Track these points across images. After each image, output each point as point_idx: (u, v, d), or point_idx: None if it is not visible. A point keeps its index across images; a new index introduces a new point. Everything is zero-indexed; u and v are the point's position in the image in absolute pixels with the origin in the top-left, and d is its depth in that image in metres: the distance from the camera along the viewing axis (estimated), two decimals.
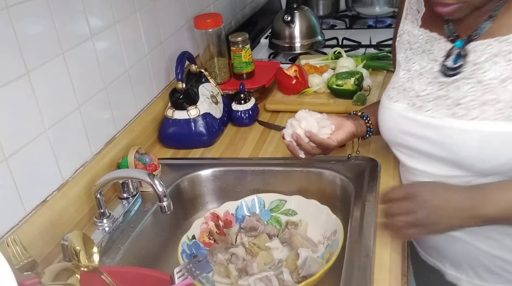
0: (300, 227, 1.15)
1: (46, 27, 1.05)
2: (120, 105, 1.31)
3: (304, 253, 1.04)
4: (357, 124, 1.17)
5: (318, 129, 1.11)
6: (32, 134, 1.02)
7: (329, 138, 1.12)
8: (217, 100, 1.49)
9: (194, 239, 1.11)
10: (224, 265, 1.07)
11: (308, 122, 1.11)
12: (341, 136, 1.13)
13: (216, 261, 1.08)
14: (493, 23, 0.91)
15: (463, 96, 0.93)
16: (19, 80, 0.98)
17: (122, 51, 1.31)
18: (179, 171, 1.31)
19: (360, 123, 1.17)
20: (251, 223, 1.17)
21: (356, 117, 1.19)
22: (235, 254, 1.08)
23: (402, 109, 1.01)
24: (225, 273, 1.05)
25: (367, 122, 1.17)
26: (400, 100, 1.02)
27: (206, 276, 1.05)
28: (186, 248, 1.07)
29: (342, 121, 1.16)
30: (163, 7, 1.51)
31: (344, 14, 2.43)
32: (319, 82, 1.63)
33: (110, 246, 1.08)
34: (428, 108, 0.97)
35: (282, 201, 1.21)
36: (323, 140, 1.11)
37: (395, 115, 1.03)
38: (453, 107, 0.93)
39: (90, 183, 1.14)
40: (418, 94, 0.99)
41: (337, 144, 1.12)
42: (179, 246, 1.06)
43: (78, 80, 1.14)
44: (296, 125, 1.12)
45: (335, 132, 1.13)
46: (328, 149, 1.12)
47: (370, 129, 1.18)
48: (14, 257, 0.88)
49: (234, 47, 1.65)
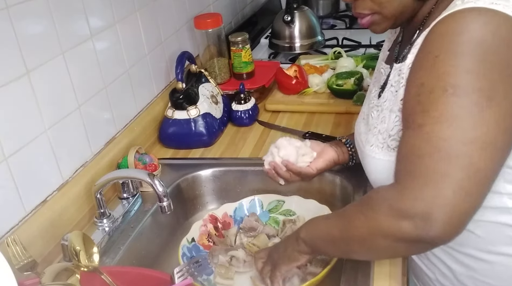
0: (298, 223, 1.16)
1: (46, 27, 1.05)
2: (120, 105, 1.31)
3: None
4: (339, 152, 1.15)
5: (296, 157, 1.10)
6: (32, 134, 1.02)
7: (309, 166, 1.11)
8: (217, 100, 1.49)
9: (193, 241, 1.11)
10: (226, 267, 1.07)
11: (287, 151, 1.10)
12: (321, 165, 1.12)
13: (217, 262, 1.08)
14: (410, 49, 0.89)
15: (371, 123, 0.96)
16: (19, 80, 0.98)
17: (122, 51, 1.31)
18: (179, 171, 1.31)
19: (343, 150, 1.16)
20: (250, 223, 1.17)
21: (340, 144, 1.17)
22: (235, 256, 1.08)
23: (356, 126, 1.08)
24: (227, 275, 1.05)
25: (349, 149, 1.16)
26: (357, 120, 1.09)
27: (208, 278, 1.05)
28: (187, 251, 1.07)
29: (324, 148, 1.15)
30: (163, 7, 1.51)
31: (344, 14, 2.43)
32: (319, 82, 1.63)
33: (110, 246, 1.08)
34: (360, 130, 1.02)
35: (280, 202, 1.21)
36: (301, 169, 1.10)
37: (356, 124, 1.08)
38: (367, 133, 0.98)
39: (90, 183, 1.14)
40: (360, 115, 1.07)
41: (316, 172, 1.12)
42: (180, 249, 1.06)
43: (78, 80, 1.14)
44: (275, 153, 1.11)
45: (315, 160, 1.12)
46: (307, 177, 1.12)
47: (352, 157, 1.16)
48: (14, 257, 0.88)
49: (234, 47, 1.65)
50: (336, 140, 1.19)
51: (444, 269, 0.97)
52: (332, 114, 1.52)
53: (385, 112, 0.92)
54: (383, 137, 0.91)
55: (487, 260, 0.90)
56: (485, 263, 0.90)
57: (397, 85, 0.89)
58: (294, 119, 1.53)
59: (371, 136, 0.95)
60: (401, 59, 0.91)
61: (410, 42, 0.90)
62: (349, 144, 1.16)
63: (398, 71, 0.90)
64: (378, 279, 0.92)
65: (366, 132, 0.99)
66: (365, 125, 1.00)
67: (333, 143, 1.18)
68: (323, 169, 1.13)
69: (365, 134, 0.99)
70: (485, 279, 0.92)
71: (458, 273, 0.94)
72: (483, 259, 0.90)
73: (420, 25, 0.89)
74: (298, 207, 1.19)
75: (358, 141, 1.03)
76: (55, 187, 1.09)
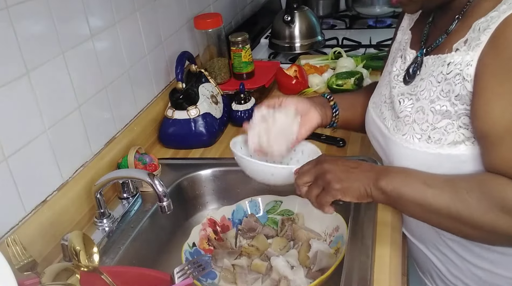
0: (298, 221, 1.16)
1: (46, 27, 1.05)
2: (120, 105, 1.31)
3: (315, 244, 1.06)
4: (323, 115, 1.11)
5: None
6: (32, 134, 1.02)
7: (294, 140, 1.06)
8: (217, 100, 1.49)
9: (195, 246, 1.11)
10: (230, 271, 1.07)
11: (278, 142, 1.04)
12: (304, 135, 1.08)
13: (222, 266, 1.08)
14: (446, 38, 0.89)
15: (400, 110, 0.94)
16: (19, 80, 0.98)
17: (122, 51, 1.31)
18: (179, 171, 1.31)
19: (327, 113, 1.12)
20: (249, 224, 1.17)
21: (326, 105, 1.12)
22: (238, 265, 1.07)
23: (372, 108, 1.05)
24: (232, 279, 1.05)
25: (334, 115, 1.12)
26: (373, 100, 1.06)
27: (212, 282, 1.06)
28: (189, 256, 1.07)
29: (309, 111, 1.09)
30: (163, 7, 1.51)
31: (344, 14, 2.43)
32: (319, 82, 1.63)
33: (110, 246, 1.08)
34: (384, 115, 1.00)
35: (278, 202, 1.21)
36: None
37: (368, 114, 1.06)
38: (395, 120, 0.95)
39: (90, 183, 1.13)
40: (380, 98, 1.03)
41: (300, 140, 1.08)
42: (182, 254, 1.06)
43: (78, 80, 1.14)
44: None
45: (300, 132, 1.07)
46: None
47: (333, 123, 1.13)
48: (14, 257, 0.88)
49: (234, 47, 1.65)
50: (322, 99, 1.14)
51: (457, 260, 0.98)
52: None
53: (424, 103, 0.89)
54: (422, 129, 0.89)
55: (499, 250, 0.91)
56: (498, 253, 0.92)
57: (441, 77, 0.86)
58: None
59: (402, 125, 0.92)
60: (435, 47, 0.89)
61: (446, 30, 0.88)
62: (335, 109, 1.13)
63: (442, 62, 0.87)
64: (378, 279, 0.92)
65: (393, 118, 0.96)
66: (391, 110, 0.98)
67: (318, 102, 1.12)
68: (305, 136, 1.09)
69: (392, 120, 0.96)
70: (496, 269, 0.93)
71: (471, 264, 0.95)
72: (496, 250, 0.92)
73: (459, 14, 0.87)
74: (296, 206, 1.19)
75: (378, 125, 1.00)
76: (55, 187, 1.09)
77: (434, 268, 1.06)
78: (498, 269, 0.93)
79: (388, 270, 0.94)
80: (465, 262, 0.97)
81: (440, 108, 0.86)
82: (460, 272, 0.99)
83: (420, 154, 0.89)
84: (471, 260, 0.95)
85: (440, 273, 1.04)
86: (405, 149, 0.91)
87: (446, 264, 1.01)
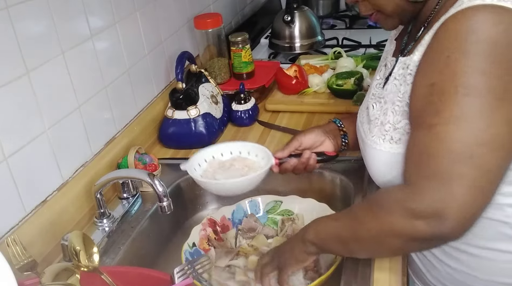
0: (297, 221, 1.15)
1: (46, 27, 1.05)
2: (120, 105, 1.31)
3: None
4: (335, 144, 1.14)
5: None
6: (32, 134, 1.02)
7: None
8: (217, 100, 1.49)
9: (195, 246, 1.11)
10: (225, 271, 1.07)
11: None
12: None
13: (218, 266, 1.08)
14: (413, 45, 0.91)
15: (372, 114, 0.97)
16: (19, 80, 0.98)
17: (122, 51, 1.31)
18: (179, 171, 1.30)
19: (338, 142, 1.15)
20: (249, 224, 1.17)
21: (337, 135, 1.15)
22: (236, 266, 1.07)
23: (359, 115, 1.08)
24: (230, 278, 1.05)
25: (343, 143, 1.15)
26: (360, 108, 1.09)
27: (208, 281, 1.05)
28: (189, 256, 1.07)
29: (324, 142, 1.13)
30: (163, 7, 1.51)
31: (344, 14, 2.43)
32: (319, 82, 1.63)
33: (110, 246, 1.08)
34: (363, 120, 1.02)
35: (278, 202, 1.21)
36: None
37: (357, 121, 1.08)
38: (368, 123, 0.99)
39: (90, 183, 1.13)
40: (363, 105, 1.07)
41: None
42: (182, 254, 1.06)
43: (78, 80, 1.14)
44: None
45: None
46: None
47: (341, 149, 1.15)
48: (14, 257, 0.88)
49: (234, 47, 1.65)
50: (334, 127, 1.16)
51: (437, 264, 0.99)
52: (332, 115, 1.51)
53: (388, 105, 0.92)
54: (385, 129, 0.92)
55: (476, 254, 0.92)
56: (474, 257, 0.92)
57: (401, 79, 0.90)
58: (294, 119, 1.53)
59: (372, 127, 0.96)
60: (406, 53, 0.92)
61: (415, 37, 0.91)
62: (345, 137, 1.15)
63: (403, 64, 0.90)
64: (378, 279, 0.92)
65: (367, 122, 0.99)
66: (367, 115, 1.01)
67: (331, 132, 1.15)
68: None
69: (367, 124, 1.00)
70: (473, 272, 0.94)
71: (449, 266, 0.96)
72: (473, 254, 0.92)
73: (426, 21, 0.89)
74: (296, 206, 1.19)
75: (360, 131, 1.04)
76: (55, 187, 1.09)
77: (416, 269, 1.07)
78: (474, 271, 0.94)
79: (388, 270, 0.94)
80: (442, 264, 0.98)
81: (399, 109, 0.89)
82: (438, 274, 1.00)
83: (385, 154, 0.92)
84: (448, 262, 0.96)
85: (421, 273, 1.06)
86: (373, 150, 0.94)
87: (427, 265, 1.03)
